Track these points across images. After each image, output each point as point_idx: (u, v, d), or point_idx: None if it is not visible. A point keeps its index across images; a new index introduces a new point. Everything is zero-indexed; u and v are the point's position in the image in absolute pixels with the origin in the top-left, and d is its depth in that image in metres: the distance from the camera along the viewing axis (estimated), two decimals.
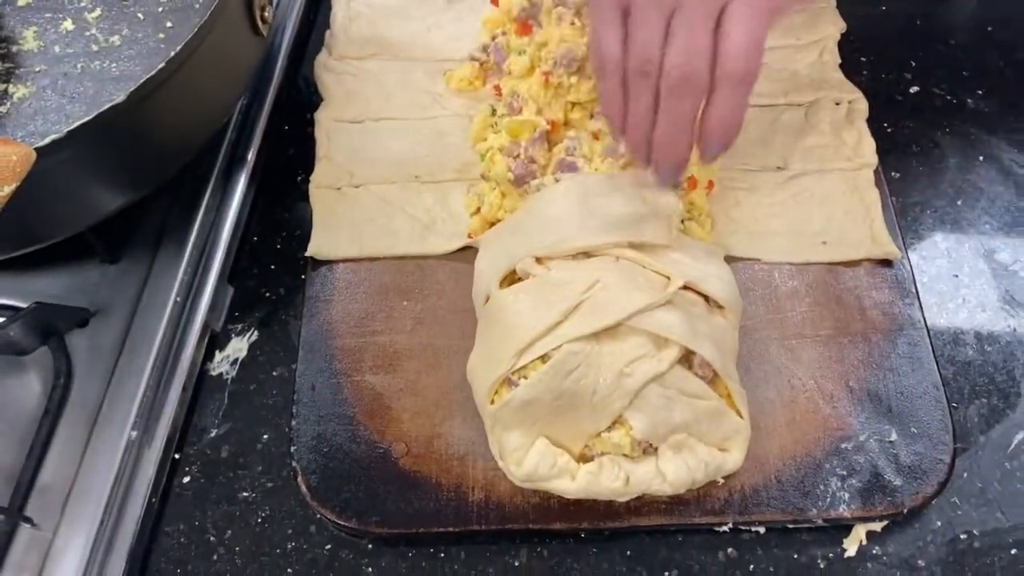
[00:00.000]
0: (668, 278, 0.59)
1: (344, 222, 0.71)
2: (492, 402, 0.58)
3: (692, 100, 0.55)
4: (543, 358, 0.57)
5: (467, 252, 0.69)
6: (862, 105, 0.76)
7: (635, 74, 0.57)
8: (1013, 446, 0.63)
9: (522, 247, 0.61)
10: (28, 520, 0.59)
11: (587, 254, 0.61)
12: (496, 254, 0.63)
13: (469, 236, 0.70)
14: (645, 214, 0.61)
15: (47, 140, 0.55)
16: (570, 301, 0.57)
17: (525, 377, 0.57)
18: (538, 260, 0.61)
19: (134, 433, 0.62)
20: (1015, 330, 0.68)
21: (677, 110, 0.56)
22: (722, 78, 0.54)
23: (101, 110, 0.57)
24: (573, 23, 0.70)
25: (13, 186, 0.53)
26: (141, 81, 0.58)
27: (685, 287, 0.59)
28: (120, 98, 0.57)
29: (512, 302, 0.59)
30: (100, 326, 0.67)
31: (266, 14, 0.71)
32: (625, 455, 0.58)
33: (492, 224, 0.68)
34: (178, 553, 0.60)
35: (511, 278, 0.62)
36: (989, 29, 0.84)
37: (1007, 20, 0.85)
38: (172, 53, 0.60)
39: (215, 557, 0.60)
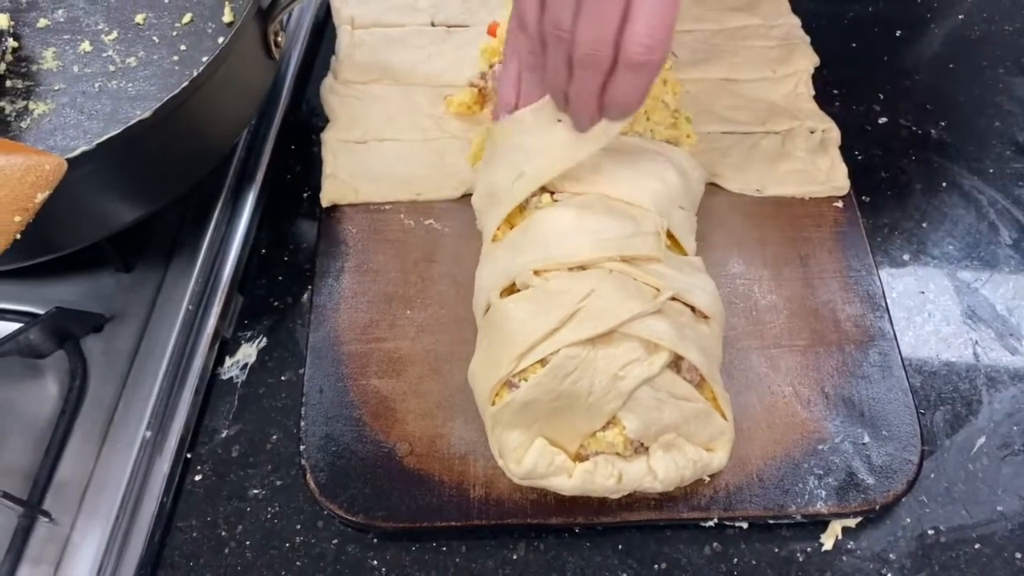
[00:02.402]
0: (658, 289, 0.62)
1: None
2: (493, 403, 0.61)
3: (596, 75, 0.57)
4: (542, 362, 0.59)
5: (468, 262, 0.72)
6: (835, 134, 0.81)
7: (549, 37, 0.58)
8: (975, 449, 0.67)
9: (521, 261, 0.64)
10: (46, 514, 0.61)
11: (582, 267, 0.63)
12: (496, 267, 0.66)
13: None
14: (635, 231, 0.64)
15: (77, 152, 0.57)
16: (567, 309, 0.60)
17: (525, 380, 0.60)
18: (536, 272, 0.63)
19: (148, 433, 0.64)
20: (977, 343, 0.72)
21: (583, 79, 0.58)
22: (623, 63, 0.55)
23: (128, 125, 0.59)
24: None
25: (46, 194, 0.56)
26: (165, 99, 0.61)
27: (673, 298, 0.63)
28: (146, 114, 0.60)
29: (512, 310, 0.62)
30: (115, 332, 0.69)
31: (279, 39, 0.74)
32: (618, 454, 0.61)
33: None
34: (191, 547, 0.63)
35: (510, 289, 0.65)
36: (951, 66, 0.90)
37: (967, 59, 0.91)
38: (195, 73, 0.63)
39: (226, 551, 0.63)
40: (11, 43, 0.75)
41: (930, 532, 0.64)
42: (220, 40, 0.76)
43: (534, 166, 0.66)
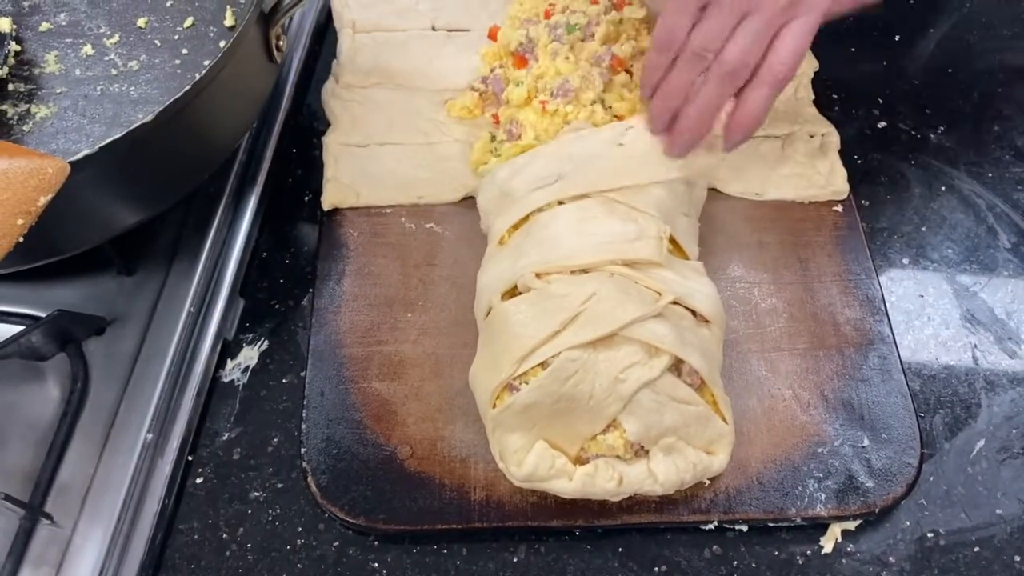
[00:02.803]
0: (659, 293, 0.63)
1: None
2: (494, 406, 0.61)
3: (732, 87, 0.64)
4: (543, 365, 0.60)
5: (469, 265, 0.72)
6: (834, 138, 0.81)
7: (692, 55, 0.64)
8: (975, 452, 0.67)
9: (523, 263, 0.65)
10: (48, 517, 0.61)
11: (584, 270, 0.64)
12: (498, 270, 0.67)
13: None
14: (638, 235, 0.65)
15: (79, 155, 0.57)
16: (568, 312, 0.60)
17: (526, 382, 0.60)
18: (538, 275, 0.64)
19: (149, 436, 0.65)
20: (976, 346, 0.73)
21: (715, 93, 0.65)
22: (764, 76, 0.63)
23: (130, 128, 0.59)
24: (567, 58, 0.75)
25: (48, 197, 0.56)
26: (167, 103, 0.61)
27: (674, 302, 0.63)
28: (149, 118, 0.60)
29: (514, 313, 0.62)
30: (117, 334, 0.70)
31: (281, 43, 0.75)
32: (619, 456, 0.61)
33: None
34: (192, 549, 0.63)
35: (512, 292, 0.65)
36: (949, 71, 0.90)
37: (966, 63, 0.91)
38: (196, 77, 0.63)
39: (227, 553, 0.63)
40: (13, 47, 0.75)
41: (929, 535, 0.64)
42: (222, 44, 0.76)
43: (583, 175, 0.68)
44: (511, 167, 0.71)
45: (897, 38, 0.93)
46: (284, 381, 0.70)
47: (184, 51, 0.76)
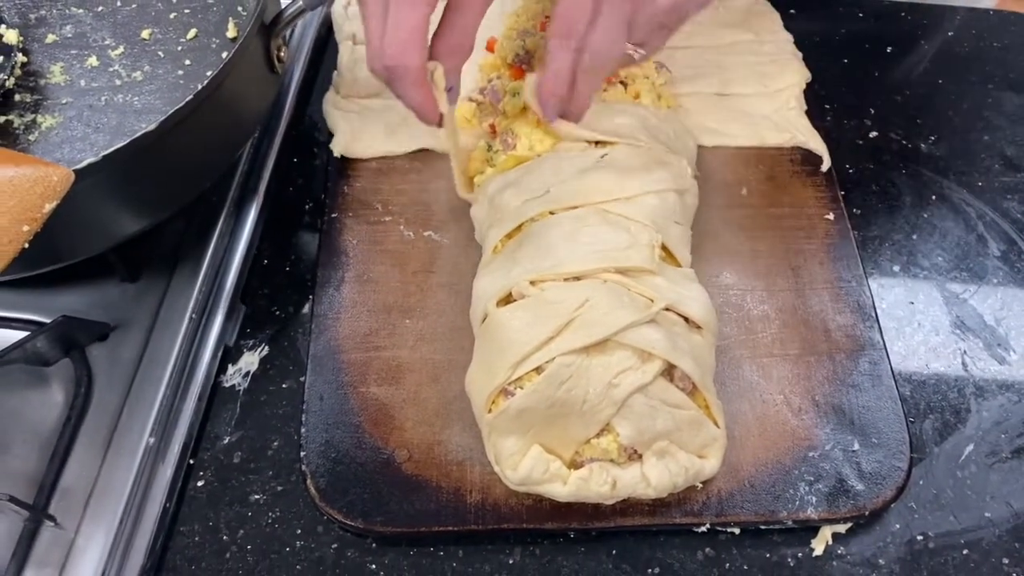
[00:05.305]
0: (651, 299, 0.64)
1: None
2: (489, 411, 0.62)
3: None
4: (537, 370, 0.61)
5: (467, 272, 0.73)
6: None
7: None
8: (963, 457, 0.68)
9: (517, 271, 0.66)
10: (51, 519, 0.62)
11: (577, 278, 0.64)
12: (493, 277, 0.68)
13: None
14: (630, 244, 0.66)
15: (84, 163, 0.58)
16: (562, 318, 0.61)
17: (521, 387, 0.61)
18: (532, 283, 0.65)
19: (151, 440, 0.66)
20: (965, 352, 0.74)
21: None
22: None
23: (134, 137, 0.60)
24: None
25: (54, 204, 0.57)
26: (169, 112, 0.62)
27: (667, 308, 0.64)
28: (152, 127, 0.61)
29: (509, 319, 0.63)
30: (120, 340, 0.71)
31: (282, 54, 0.76)
32: (612, 460, 0.62)
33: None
34: (193, 551, 0.64)
35: (507, 299, 0.66)
36: (940, 82, 0.92)
37: (956, 74, 0.92)
38: (199, 87, 0.64)
39: (227, 555, 0.64)
40: (20, 58, 0.76)
41: (919, 538, 0.65)
42: (224, 55, 0.77)
43: (571, 188, 0.69)
44: (503, 180, 0.72)
45: (889, 49, 0.94)
46: (284, 386, 0.71)
47: (187, 62, 0.78)
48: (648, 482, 0.62)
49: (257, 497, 0.66)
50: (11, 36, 0.77)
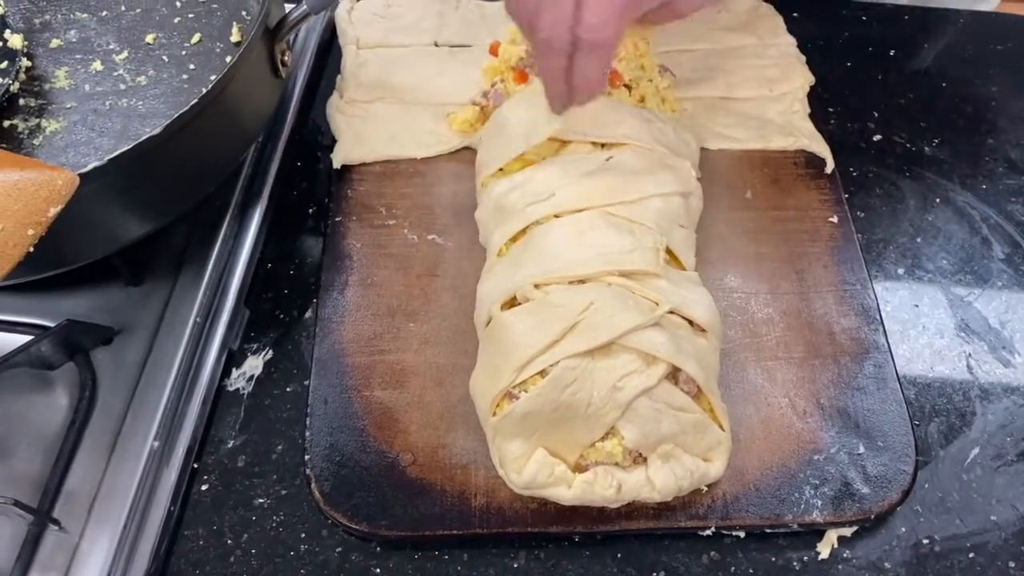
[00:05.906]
0: (656, 303, 0.64)
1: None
2: (494, 414, 0.62)
3: (557, 59, 0.61)
4: (542, 373, 0.61)
5: (470, 276, 0.74)
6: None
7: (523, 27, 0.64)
8: (969, 460, 0.68)
9: (522, 274, 0.66)
10: (56, 522, 0.62)
11: (582, 281, 0.65)
12: (498, 280, 0.68)
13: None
14: (635, 247, 0.66)
15: (89, 167, 0.58)
16: (567, 321, 0.61)
17: (525, 391, 0.61)
18: (536, 286, 0.65)
19: (156, 443, 0.66)
20: (970, 355, 0.74)
21: (548, 63, 0.63)
22: (579, 46, 0.60)
23: (138, 141, 0.60)
24: None
25: (58, 208, 0.57)
26: (174, 116, 0.62)
27: (671, 311, 0.64)
28: (156, 131, 0.61)
29: (513, 322, 0.63)
30: (124, 344, 0.71)
31: (286, 58, 0.76)
32: (617, 464, 0.62)
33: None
34: (197, 555, 0.64)
35: (511, 303, 0.66)
36: (943, 85, 0.92)
37: (960, 77, 0.92)
38: (203, 91, 0.64)
39: (232, 559, 0.64)
40: (25, 63, 0.77)
41: (925, 541, 0.65)
42: (228, 59, 0.77)
43: (576, 191, 0.69)
44: (509, 183, 0.72)
45: (892, 52, 0.94)
46: (288, 390, 0.71)
47: (191, 66, 0.78)
48: (653, 485, 0.62)
49: (261, 501, 0.66)
50: (16, 41, 0.77)
